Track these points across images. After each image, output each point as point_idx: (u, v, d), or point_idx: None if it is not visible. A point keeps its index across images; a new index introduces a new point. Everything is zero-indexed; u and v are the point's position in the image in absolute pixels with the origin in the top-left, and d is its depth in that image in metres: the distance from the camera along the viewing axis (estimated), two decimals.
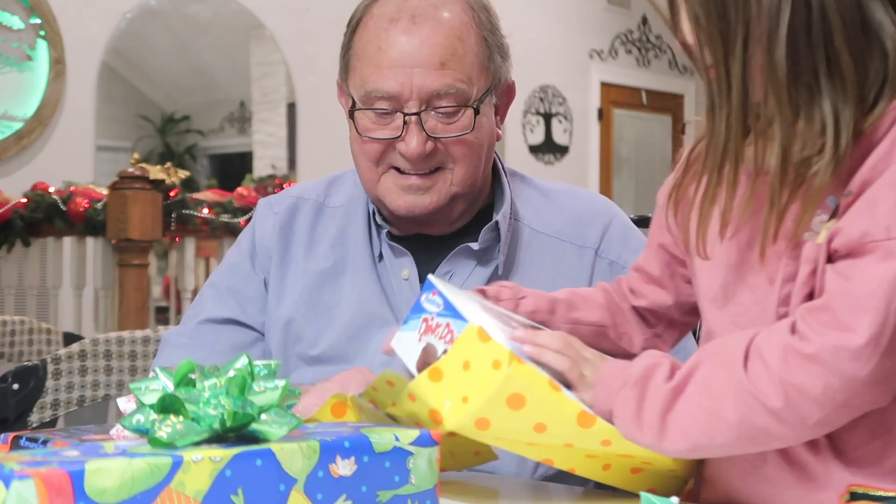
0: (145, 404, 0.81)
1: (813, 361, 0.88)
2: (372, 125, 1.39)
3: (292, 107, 6.73)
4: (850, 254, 0.90)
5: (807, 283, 0.94)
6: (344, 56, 1.44)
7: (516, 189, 1.50)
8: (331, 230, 1.50)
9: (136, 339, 2.14)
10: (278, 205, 1.54)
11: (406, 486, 0.87)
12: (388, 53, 1.36)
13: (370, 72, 1.38)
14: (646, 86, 8.22)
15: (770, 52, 0.92)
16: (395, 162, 1.40)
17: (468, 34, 1.39)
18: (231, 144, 8.31)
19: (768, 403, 0.89)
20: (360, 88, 1.39)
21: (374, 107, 1.38)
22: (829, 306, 0.89)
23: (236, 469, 0.77)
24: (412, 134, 1.37)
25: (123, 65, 7.62)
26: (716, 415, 0.92)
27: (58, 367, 2.05)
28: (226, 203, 4.80)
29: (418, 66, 1.35)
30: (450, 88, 1.36)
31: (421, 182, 1.40)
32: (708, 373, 0.94)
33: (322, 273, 1.47)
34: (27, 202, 4.55)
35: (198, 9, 7.01)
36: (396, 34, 1.37)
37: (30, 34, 5.28)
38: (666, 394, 0.95)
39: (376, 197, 1.44)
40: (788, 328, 0.91)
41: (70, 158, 5.34)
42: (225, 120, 8.40)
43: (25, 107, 5.28)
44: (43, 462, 0.72)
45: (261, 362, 0.85)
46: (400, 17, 1.37)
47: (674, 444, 0.95)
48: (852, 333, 0.87)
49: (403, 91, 1.36)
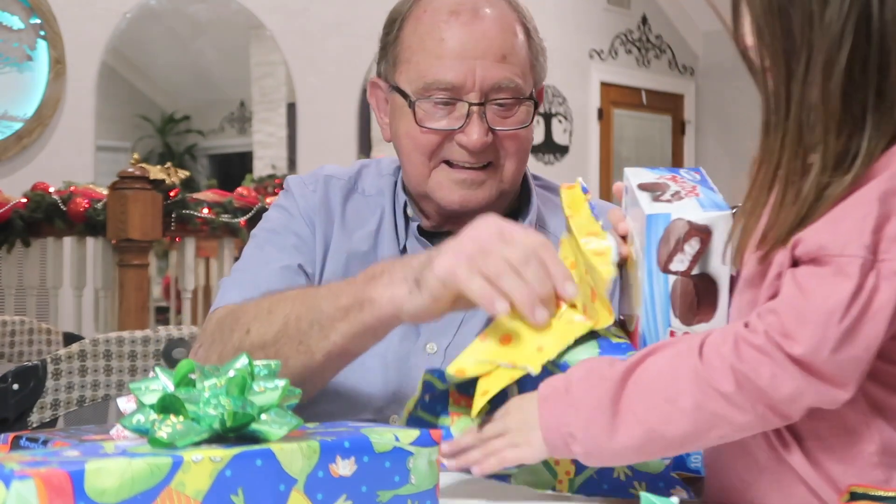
0: (145, 404, 0.81)
1: (760, 351, 0.90)
2: (431, 116, 1.40)
3: (292, 107, 6.73)
4: (809, 263, 0.91)
5: (771, 285, 0.95)
6: (389, 52, 1.44)
7: (542, 196, 1.52)
8: (365, 215, 1.49)
9: (136, 339, 2.14)
10: (312, 183, 1.52)
11: (406, 486, 0.88)
12: (449, 44, 1.37)
13: (430, 63, 1.38)
14: (646, 86, 8.22)
15: (826, 80, 0.92)
16: (449, 156, 1.40)
17: (521, 32, 1.42)
18: (231, 144, 8.31)
19: (721, 388, 0.91)
20: (418, 80, 1.39)
21: (434, 97, 1.38)
22: (777, 311, 0.91)
23: (236, 469, 0.78)
24: (474, 124, 1.38)
25: (123, 65, 7.61)
26: (671, 400, 0.93)
27: (58, 367, 2.05)
28: (226, 203, 4.80)
29: (481, 57, 1.37)
30: (510, 82, 1.38)
31: (475, 176, 1.40)
32: (660, 361, 0.95)
33: (357, 255, 1.46)
34: (27, 202, 4.55)
35: (198, 9, 7.00)
36: (458, 26, 1.38)
37: (30, 34, 5.28)
38: (614, 379, 0.95)
39: (424, 192, 1.44)
40: (742, 323, 0.93)
41: (70, 158, 5.34)
42: (225, 120, 8.39)
43: (25, 107, 5.28)
44: (43, 462, 0.72)
45: (261, 362, 0.85)
46: (460, 10, 1.39)
47: (628, 431, 0.94)
48: (792, 341, 0.89)
49: (466, 82, 1.37)
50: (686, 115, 8.55)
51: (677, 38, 8.41)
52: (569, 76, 7.56)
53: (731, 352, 0.92)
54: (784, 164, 0.95)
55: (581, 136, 7.66)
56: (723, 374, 0.91)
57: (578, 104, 7.66)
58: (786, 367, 0.90)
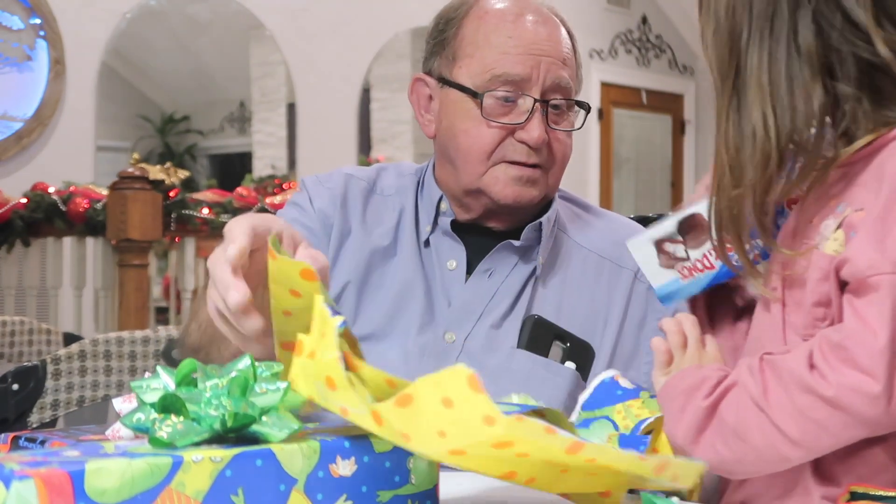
0: (146, 403, 0.80)
1: (831, 405, 0.91)
2: (493, 112, 1.43)
3: (292, 107, 6.73)
4: (860, 288, 0.92)
5: (816, 290, 0.95)
6: (447, 48, 1.48)
7: (568, 206, 1.56)
8: (385, 213, 1.52)
9: (135, 340, 2.14)
10: (328, 182, 1.54)
11: (406, 486, 0.87)
12: (518, 41, 1.43)
13: (497, 57, 1.43)
14: (646, 85, 8.22)
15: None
16: (508, 153, 1.44)
17: (572, 44, 1.50)
18: (231, 144, 8.31)
19: (788, 434, 0.93)
20: (484, 73, 1.43)
21: (499, 91, 1.42)
22: (846, 346, 0.91)
23: (236, 469, 0.77)
24: (536, 120, 1.43)
25: (123, 65, 7.62)
26: (742, 438, 0.96)
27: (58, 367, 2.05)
28: (226, 203, 4.81)
29: (545, 55, 1.43)
30: (567, 82, 1.45)
31: (531, 173, 1.45)
32: (737, 398, 0.97)
33: (378, 251, 1.49)
34: (27, 202, 4.55)
35: (198, 9, 7.01)
36: (526, 25, 1.45)
37: (30, 34, 5.28)
38: (702, 411, 0.99)
39: (476, 188, 1.46)
40: (807, 361, 0.93)
41: (70, 158, 5.34)
42: (225, 120, 8.40)
43: (25, 107, 5.28)
44: (43, 462, 0.72)
45: (263, 363, 0.85)
46: (524, 13, 1.46)
47: (704, 455, 0.98)
48: (871, 378, 0.90)
49: (532, 75, 1.42)
50: (686, 114, 8.55)
51: (677, 38, 8.41)
52: None
53: (799, 400, 0.93)
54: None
55: (581, 136, 7.64)
56: (791, 421, 0.93)
57: None
58: (858, 424, 0.91)
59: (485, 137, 1.43)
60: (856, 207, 0.94)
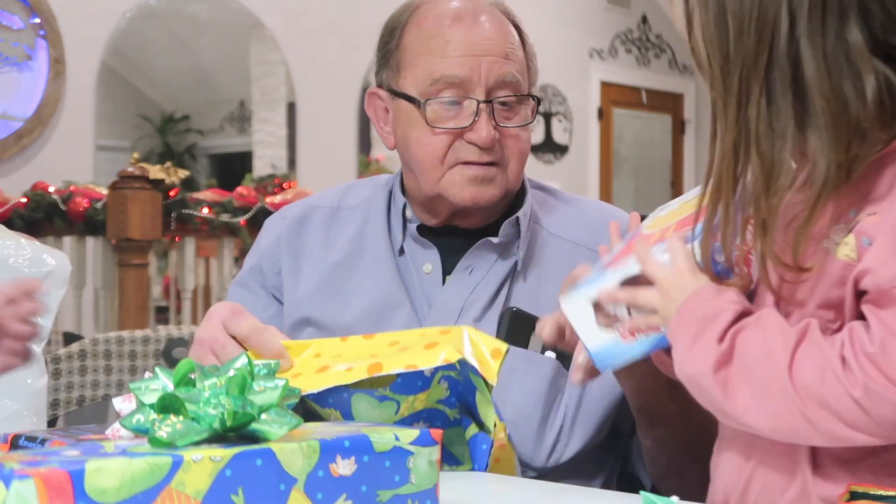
0: (145, 403, 0.80)
1: (857, 403, 0.90)
2: (440, 118, 1.44)
3: (292, 106, 6.73)
4: (883, 299, 0.91)
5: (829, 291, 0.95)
6: (391, 59, 1.48)
7: (537, 195, 1.56)
8: (348, 228, 1.54)
9: (135, 339, 2.14)
10: (289, 211, 1.58)
11: (406, 485, 0.88)
12: (455, 45, 1.43)
13: (437, 62, 1.43)
14: (646, 85, 8.22)
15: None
16: (461, 155, 1.44)
17: (517, 35, 1.49)
18: (231, 144, 8.31)
19: (807, 414, 0.92)
20: (426, 80, 1.44)
21: (442, 96, 1.43)
22: (875, 353, 0.90)
23: (236, 469, 0.77)
24: (483, 121, 1.42)
25: (123, 64, 7.62)
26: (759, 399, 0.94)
27: (58, 366, 2.05)
28: (226, 203, 4.80)
29: (486, 55, 1.43)
30: (513, 77, 1.44)
31: (486, 172, 1.44)
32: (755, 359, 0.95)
33: (337, 263, 1.51)
34: (27, 202, 4.55)
35: (198, 8, 7.01)
36: (462, 29, 1.44)
37: (30, 34, 5.28)
38: (714, 355, 0.97)
39: (436, 194, 1.46)
40: (839, 355, 0.92)
41: (70, 158, 5.34)
42: (225, 120, 8.40)
43: (25, 106, 5.28)
44: (43, 462, 0.72)
45: (261, 362, 0.85)
46: (462, 15, 1.45)
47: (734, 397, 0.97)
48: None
49: (473, 76, 1.42)
50: (686, 114, 8.55)
51: (677, 38, 8.40)
52: (569, 76, 7.56)
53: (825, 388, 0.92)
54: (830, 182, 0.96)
55: (581, 136, 7.66)
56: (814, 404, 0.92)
57: (578, 104, 7.66)
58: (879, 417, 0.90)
59: (435, 144, 1.44)
60: (868, 212, 0.93)
